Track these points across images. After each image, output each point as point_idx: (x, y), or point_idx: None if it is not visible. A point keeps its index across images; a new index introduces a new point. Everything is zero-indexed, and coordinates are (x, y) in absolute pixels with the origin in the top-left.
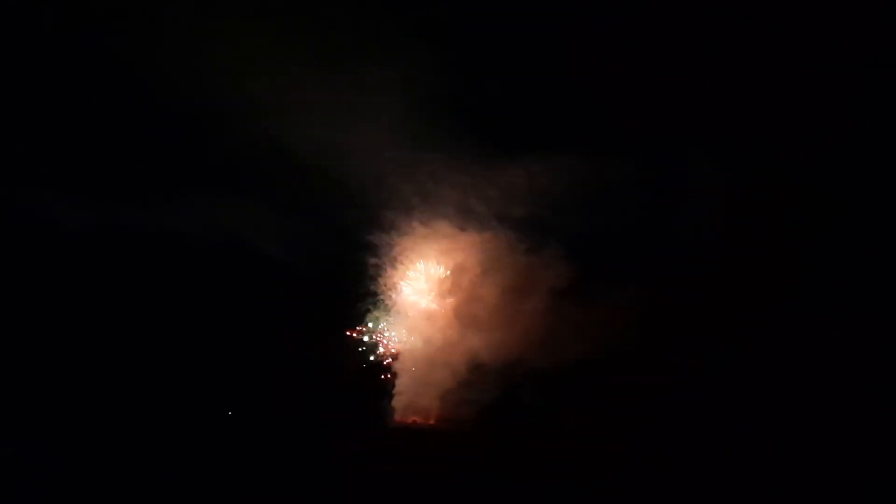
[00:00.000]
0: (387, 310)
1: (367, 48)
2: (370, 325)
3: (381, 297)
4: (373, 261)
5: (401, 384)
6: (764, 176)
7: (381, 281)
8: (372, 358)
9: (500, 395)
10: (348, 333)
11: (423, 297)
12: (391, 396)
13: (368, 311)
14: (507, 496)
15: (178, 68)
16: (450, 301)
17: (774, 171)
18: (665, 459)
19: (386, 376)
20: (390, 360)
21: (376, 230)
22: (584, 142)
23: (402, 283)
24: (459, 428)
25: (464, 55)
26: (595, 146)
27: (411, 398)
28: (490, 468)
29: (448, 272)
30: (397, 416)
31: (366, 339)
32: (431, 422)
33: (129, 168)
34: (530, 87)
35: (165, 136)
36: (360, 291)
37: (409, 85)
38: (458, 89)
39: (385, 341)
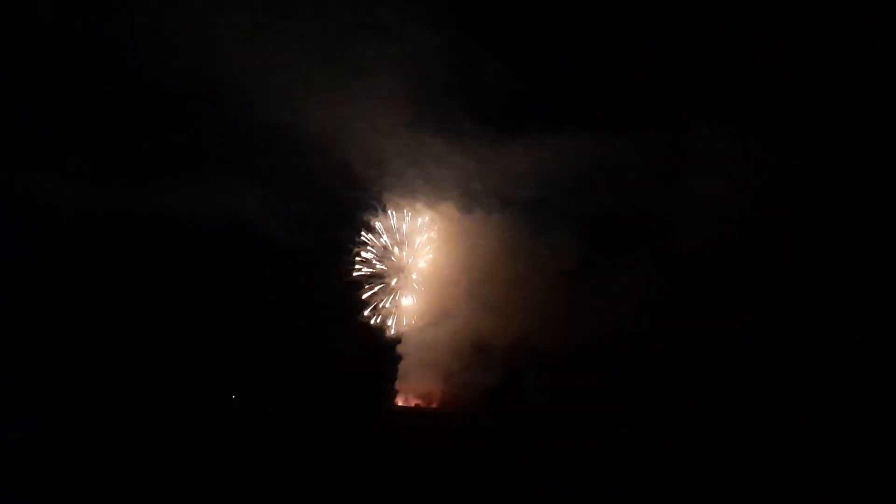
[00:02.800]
0: (392, 292)
1: (369, 29)
2: (375, 307)
3: (386, 279)
4: (378, 243)
5: (404, 367)
6: (774, 157)
7: (386, 264)
8: (376, 341)
9: (503, 377)
10: (353, 316)
11: (427, 279)
12: (395, 379)
13: (374, 293)
14: (509, 479)
15: (179, 51)
16: (455, 283)
17: (784, 153)
18: (667, 442)
19: (390, 359)
20: (394, 342)
21: (381, 213)
22: (589, 122)
23: (406, 265)
24: (462, 411)
25: (466, 36)
26: (600, 126)
27: (415, 381)
28: (492, 451)
29: (453, 255)
30: (400, 399)
31: (370, 321)
32: (434, 405)
33: (130, 151)
34: (533, 67)
35: (165, 120)
36: (365, 274)
37: (412, 67)
38: (461, 70)
39: (389, 323)
